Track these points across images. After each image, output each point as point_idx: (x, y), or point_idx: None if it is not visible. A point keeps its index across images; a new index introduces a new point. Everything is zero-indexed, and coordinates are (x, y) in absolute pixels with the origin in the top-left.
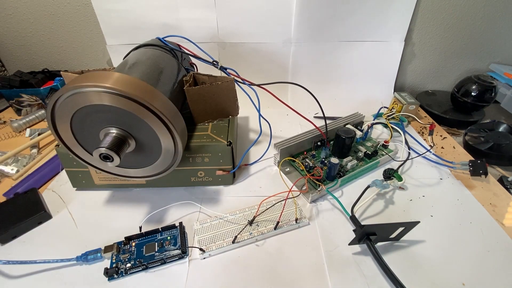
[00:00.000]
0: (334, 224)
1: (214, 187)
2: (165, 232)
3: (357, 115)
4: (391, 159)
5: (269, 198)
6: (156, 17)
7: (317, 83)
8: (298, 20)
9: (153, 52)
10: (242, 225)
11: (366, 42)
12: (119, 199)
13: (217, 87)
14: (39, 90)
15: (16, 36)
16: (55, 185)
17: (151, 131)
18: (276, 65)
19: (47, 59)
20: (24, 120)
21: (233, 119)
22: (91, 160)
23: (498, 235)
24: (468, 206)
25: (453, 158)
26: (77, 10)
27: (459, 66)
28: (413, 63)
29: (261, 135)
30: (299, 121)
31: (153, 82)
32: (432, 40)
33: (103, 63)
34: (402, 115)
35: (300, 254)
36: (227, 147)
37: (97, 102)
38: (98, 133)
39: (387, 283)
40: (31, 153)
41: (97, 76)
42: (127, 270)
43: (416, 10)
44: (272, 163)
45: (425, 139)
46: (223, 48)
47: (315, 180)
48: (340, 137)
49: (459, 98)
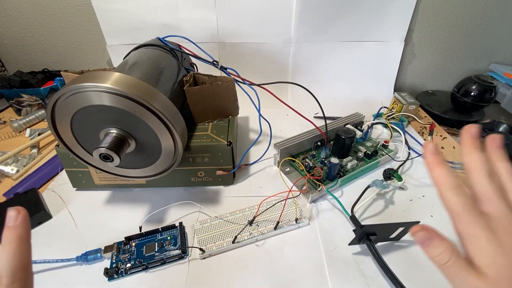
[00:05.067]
0: (334, 224)
1: (214, 187)
2: (165, 232)
3: (357, 115)
4: (391, 159)
5: (269, 198)
6: (156, 17)
7: (317, 83)
8: (298, 20)
9: (153, 52)
10: (242, 225)
11: (366, 42)
12: (119, 199)
13: (217, 87)
14: (39, 90)
15: (16, 36)
16: (55, 185)
17: (151, 131)
18: (276, 65)
19: (47, 59)
20: (24, 120)
21: (233, 119)
22: (91, 160)
23: None
24: None
25: (453, 158)
26: (77, 10)
27: (459, 66)
28: (413, 63)
29: (261, 135)
30: (299, 121)
31: (153, 82)
32: (432, 40)
33: (103, 63)
34: (402, 115)
35: (300, 254)
36: (227, 147)
37: (97, 102)
38: (98, 133)
39: (387, 283)
40: (31, 153)
41: (97, 76)
42: (127, 270)
43: (416, 10)
44: (272, 163)
45: (425, 139)
46: (223, 48)
47: (315, 180)
48: (340, 137)
49: (459, 98)
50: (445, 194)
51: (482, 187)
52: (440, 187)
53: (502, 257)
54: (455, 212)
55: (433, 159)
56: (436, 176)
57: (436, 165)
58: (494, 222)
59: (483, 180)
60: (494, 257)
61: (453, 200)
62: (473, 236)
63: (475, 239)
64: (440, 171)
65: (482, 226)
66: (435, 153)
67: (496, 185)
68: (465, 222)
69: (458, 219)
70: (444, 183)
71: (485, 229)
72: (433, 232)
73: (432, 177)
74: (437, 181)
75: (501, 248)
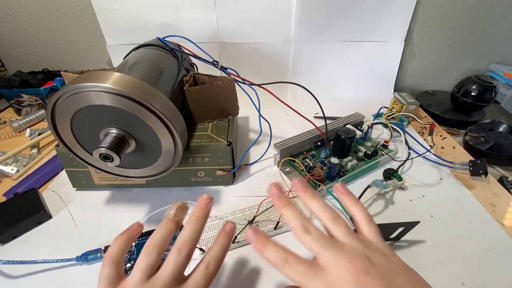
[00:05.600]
0: None
1: (214, 187)
2: None
3: (357, 115)
4: (391, 159)
5: (269, 198)
6: (156, 17)
7: (317, 83)
8: (298, 20)
9: (153, 52)
10: (242, 225)
11: (366, 42)
12: (119, 199)
13: (217, 87)
14: (39, 90)
15: (16, 36)
16: (55, 185)
17: (151, 131)
18: (276, 65)
19: (47, 59)
20: (24, 120)
21: (233, 119)
22: (91, 160)
23: (498, 235)
24: (468, 206)
25: (453, 158)
26: (77, 10)
27: (459, 66)
28: (413, 63)
29: (261, 135)
30: (299, 121)
31: (153, 82)
32: (432, 40)
33: (103, 63)
34: (402, 115)
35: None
36: (227, 147)
37: (97, 102)
38: (98, 133)
39: None
40: (31, 153)
41: (97, 76)
42: (127, 270)
43: (416, 10)
44: (272, 163)
45: (425, 139)
46: (223, 48)
47: (315, 180)
48: (340, 137)
49: (459, 98)
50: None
51: (306, 244)
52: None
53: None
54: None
55: (279, 202)
56: (286, 220)
57: (283, 207)
58: (330, 277)
59: (304, 238)
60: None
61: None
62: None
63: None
64: (288, 212)
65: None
66: (279, 196)
67: (315, 235)
68: (322, 255)
69: (316, 254)
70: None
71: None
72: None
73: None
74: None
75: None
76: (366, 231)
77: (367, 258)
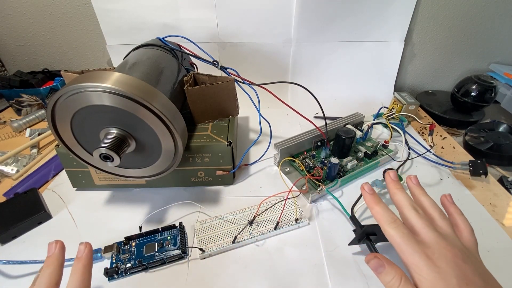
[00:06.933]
0: (334, 224)
1: (214, 187)
2: (165, 232)
3: (357, 115)
4: (391, 159)
5: (269, 198)
6: (156, 17)
7: (317, 83)
8: (298, 20)
9: (153, 52)
10: (242, 225)
11: (366, 42)
12: (119, 199)
13: (217, 87)
14: (39, 90)
15: (16, 36)
16: (55, 185)
17: (151, 131)
18: (276, 65)
19: (47, 59)
20: (24, 120)
21: (233, 119)
22: (91, 160)
23: (498, 235)
24: (468, 206)
25: (453, 158)
26: (77, 10)
27: (459, 66)
28: (413, 63)
29: (261, 135)
30: (299, 121)
31: (153, 82)
32: (432, 40)
33: (103, 63)
34: (402, 115)
35: (300, 254)
36: (227, 147)
37: (97, 102)
38: (98, 133)
39: None
40: (31, 153)
41: (97, 76)
42: (127, 270)
43: (416, 10)
44: (272, 163)
45: (425, 139)
46: (223, 48)
47: (315, 180)
48: (340, 137)
49: (459, 98)
50: (385, 228)
51: (412, 219)
52: (380, 222)
53: (440, 283)
54: (396, 243)
55: (370, 198)
56: (376, 212)
57: (374, 203)
58: (430, 249)
59: (412, 213)
60: (433, 283)
61: (392, 233)
62: (415, 265)
63: (417, 268)
64: (378, 208)
65: (421, 255)
66: (372, 193)
67: (423, 216)
68: (406, 253)
69: (399, 249)
70: (382, 218)
71: (423, 257)
72: (385, 260)
73: (372, 214)
74: (377, 217)
75: (439, 274)
76: (468, 239)
77: (464, 253)
